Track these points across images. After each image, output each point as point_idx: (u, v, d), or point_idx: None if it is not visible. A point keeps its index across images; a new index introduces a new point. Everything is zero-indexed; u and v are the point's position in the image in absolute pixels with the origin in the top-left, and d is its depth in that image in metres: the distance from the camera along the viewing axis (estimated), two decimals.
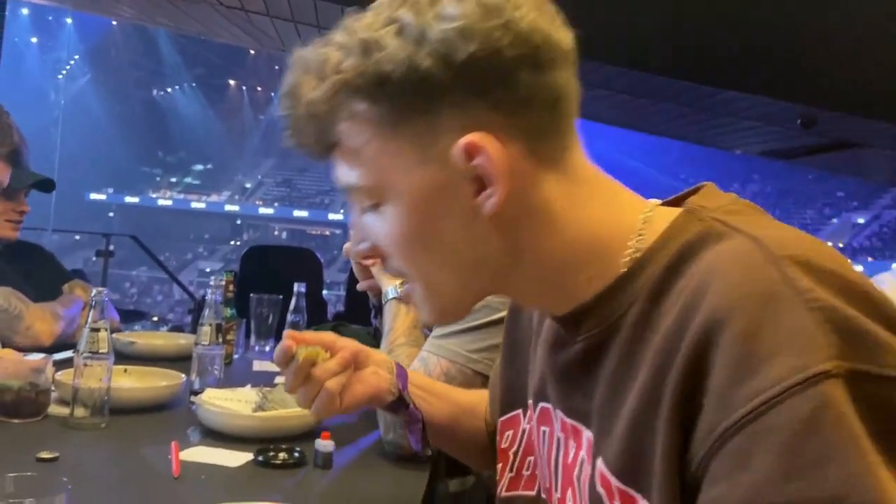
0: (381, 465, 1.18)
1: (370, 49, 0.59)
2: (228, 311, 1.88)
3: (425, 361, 1.24)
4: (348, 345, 0.92)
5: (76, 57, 28.62)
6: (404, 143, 0.60)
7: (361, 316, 1.50)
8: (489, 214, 0.60)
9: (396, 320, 1.38)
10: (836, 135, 5.95)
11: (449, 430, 0.98)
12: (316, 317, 2.33)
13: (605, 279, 0.61)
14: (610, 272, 0.61)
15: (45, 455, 1.07)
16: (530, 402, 0.77)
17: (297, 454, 1.15)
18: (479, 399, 1.01)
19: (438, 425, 0.98)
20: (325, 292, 4.04)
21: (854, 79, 4.77)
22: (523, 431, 0.79)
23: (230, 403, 1.32)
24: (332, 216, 29.20)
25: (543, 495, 0.75)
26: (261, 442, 1.19)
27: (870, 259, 22.33)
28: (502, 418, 0.84)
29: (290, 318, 1.89)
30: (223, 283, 1.78)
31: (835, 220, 25.78)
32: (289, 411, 1.28)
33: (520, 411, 0.81)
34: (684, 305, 0.53)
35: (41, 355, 1.35)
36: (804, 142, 6.32)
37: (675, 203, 0.65)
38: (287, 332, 0.90)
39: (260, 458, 1.14)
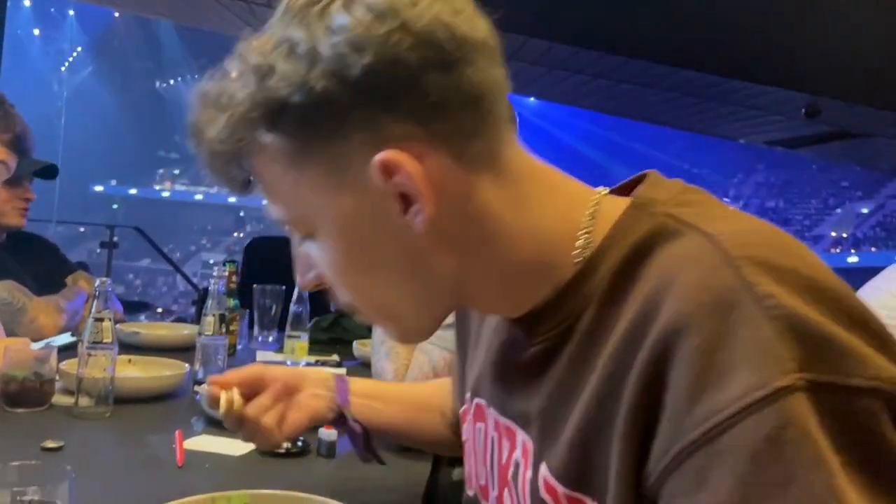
0: (384, 455, 1.18)
1: (263, 75, 0.54)
2: (232, 302, 1.89)
3: (430, 354, 1.24)
4: (279, 375, 0.92)
5: (78, 49, 28.59)
6: (318, 170, 0.56)
7: None
8: (422, 230, 0.55)
9: None
10: (841, 124, 5.93)
11: (405, 431, 0.98)
12: (319, 308, 2.33)
13: (556, 279, 0.58)
14: (561, 273, 0.58)
15: (49, 444, 1.08)
16: (467, 395, 0.75)
17: (300, 443, 1.15)
18: (433, 391, 1.01)
19: (392, 429, 0.98)
20: None
21: (859, 68, 4.75)
22: (465, 428, 0.78)
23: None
24: None
25: (471, 492, 0.73)
26: None
27: (873, 249, 22.28)
28: (461, 410, 0.82)
29: (293, 308, 1.89)
30: (226, 273, 1.79)
31: (839, 210, 25.69)
32: None
33: (466, 407, 0.79)
34: (638, 312, 0.51)
35: (41, 344, 1.36)
36: (808, 131, 6.30)
37: (621, 192, 0.61)
38: (210, 378, 0.91)
39: None
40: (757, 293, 0.46)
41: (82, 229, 21.15)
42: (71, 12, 25.76)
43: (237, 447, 1.15)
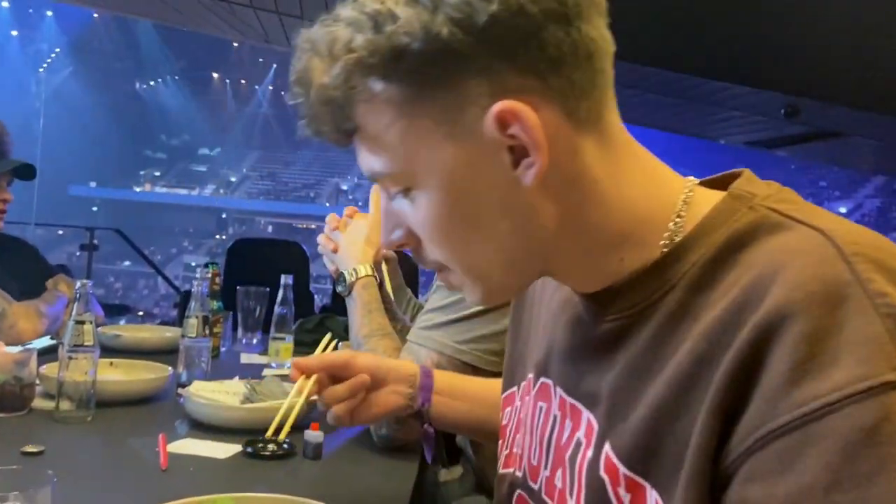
0: (370, 456, 1.18)
1: (382, 22, 0.53)
2: (215, 304, 1.88)
3: (416, 354, 1.24)
4: (365, 366, 0.93)
5: (57, 50, 28.28)
6: (429, 120, 0.55)
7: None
8: (530, 186, 0.55)
9: (352, 314, 1.37)
10: (819, 124, 5.99)
11: (482, 428, 0.98)
12: (303, 309, 2.32)
13: (641, 260, 0.58)
14: (646, 253, 0.58)
15: (30, 449, 1.06)
16: (530, 376, 0.74)
17: (286, 445, 1.15)
18: (495, 385, 1.01)
19: (469, 425, 1.00)
20: (312, 285, 4.03)
21: (837, 68, 4.80)
22: (516, 409, 0.78)
23: (218, 395, 1.31)
24: (317, 209, 29.12)
25: (519, 473, 0.73)
26: (249, 434, 1.18)
27: None
28: (504, 395, 0.83)
29: (277, 310, 1.88)
30: (209, 275, 1.78)
31: None
32: (277, 402, 1.28)
33: (515, 389, 0.80)
34: (739, 298, 0.51)
35: (19, 347, 1.34)
36: (787, 131, 6.36)
37: (713, 185, 0.61)
38: (294, 361, 0.94)
39: (249, 449, 1.13)
40: (870, 290, 0.46)
41: (61, 232, 20.93)
42: (49, 13, 25.48)
43: (222, 450, 1.14)
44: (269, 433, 0.93)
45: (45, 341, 1.54)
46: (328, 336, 1.02)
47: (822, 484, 0.43)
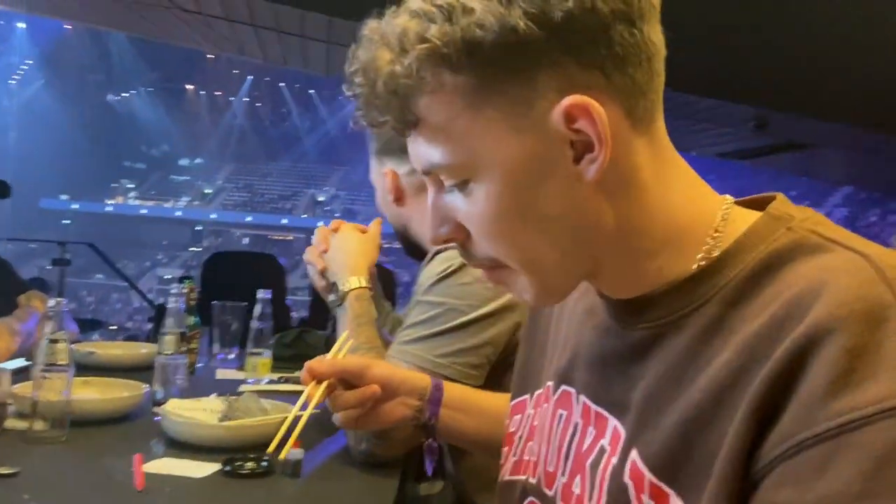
0: (350, 472, 1.18)
1: (455, 14, 0.54)
2: (191, 320, 1.86)
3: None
4: (379, 377, 0.93)
5: (29, 62, 27.91)
6: (496, 112, 0.57)
7: (327, 321, 1.50)
8: (591, 181, 0.57)
9: (349, 320, 1.36)
10: (788, 136, 6.10)
11: (489, 442, 0.98)
12: (279, 322, 2.31)
13: (677, 270, 0.60)
14: (683, 263, 0.60)
15: (4, 471, 1.05)
16: (549, 384, 0.74)
17: (264, 463, 1.14)
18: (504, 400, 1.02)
19: (476, 440, 1.01)
20: (288, 298, 4.00)
21: (805, 81, 4.89)
22: (528, 416, 0.79)
23: (195, 413, 1.30)
24: (293, 221, 28.98)
25: (533, 479, 0.73)
26: (227, 452, 1.17)
27: None
28: (513, 402, 0.83)
29: (255, 325, 1.87)
30: (185, 290, 1.76)
31: None
32: (255, 420, 1.27)
33: (527, 396, 0.80)
34: (780, 313, 0.52)
35: None
36: (758, 143, 6.46)
37: (748, 206, 0.63)
38: (308, 364, 0.92)
39: (227, 468, 1.13)
40: None
41: (33, 245, 20.58)
42: (21, 25, 25.15)
43: (199, 469, 1.13)
44: (271, 449, 0.91)
45: (20, 362, 1.51)
46: (345, 335, 1.01)
47: (854, 492, 0.45)
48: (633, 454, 0.59)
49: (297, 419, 0.93)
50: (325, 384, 0.92)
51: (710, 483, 0.52)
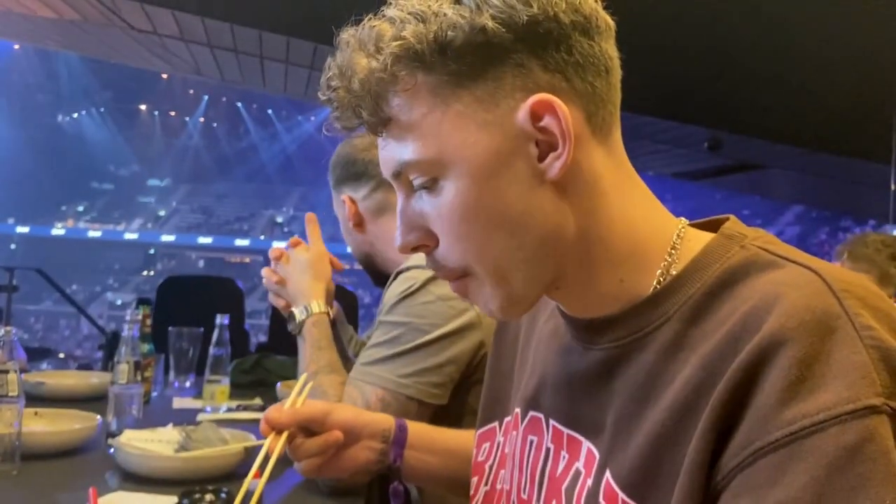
0: (313, 501, 1.15)
1: (428, 18, 0.58)
2: (146, 347, 1.81)
3: (361, 391, 1.22)
4: (342, 421, 0.91)
5: None
6: (465, 108, 0.60)
7: (286, 346, 1.46)
8: (554, 180, 0.59)
9: (302, 351, 1.35)
10: (741, 157, 6.26)
11: (455, 483, 0.96)
12: (238, 348, 2.26)
13: (637, 288, 0.62)
14: (643, 280, 0.61)
15: None
16: (517, 410, 0.75)
17: (223, 495, 1.11)
18: (468, 437, 0.99)
19: (442, 481, 0.99)
20: (246, 321, 3.93)
21: (757, 104, 5.04)
22: (498, 444, 0.78)
23: (151, 444, 1.26)
24: (251, 242, 28.64)
25: None
26: (185, 483, 1.14)
27: None
28: (480, 431, 0.83)
29: (212, 351, 1.82)
30: (140, 317, 1.72)
31: None
32: (214, 450, 1.24)
33: (496, 424, 0.80)
34: (735, 329, 0.54)
35: None
36: (711, 163, 6.62)
37: (702, 228, 0.65)
38: (266, 414, 0.87)
39: (185, 501, 1.09)
40: (857, 323, 0.50)
41: None
42: None
43: (156, 502, 1.09)
44: None
45: None
46: (303, 378, 0.97)
47: (808, 497, 0.46)
48: (607, 475, 0.60)
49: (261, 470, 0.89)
50: (285, 435, 0.87)
51: (674, 497, 0.53)
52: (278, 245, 1.51)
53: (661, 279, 0.61)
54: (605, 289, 0.63)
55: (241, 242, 29.06)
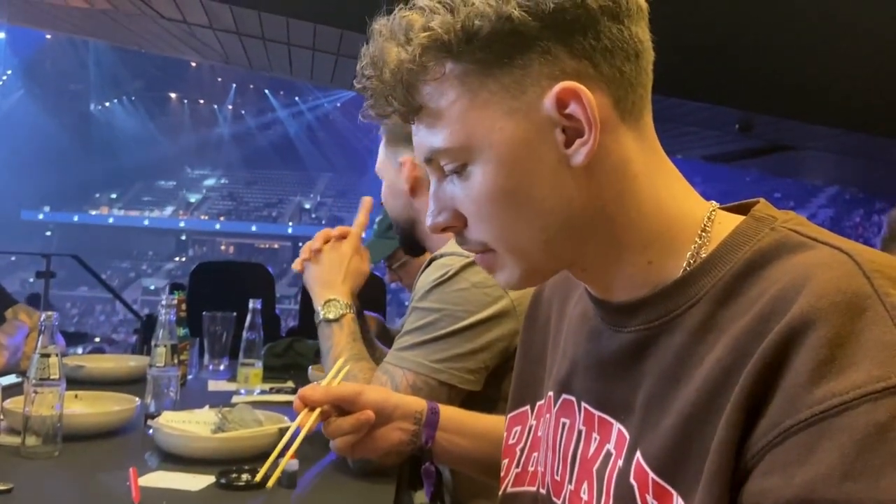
0: (346, 482, 1.17)
1: (456, 7, 0.59)
2: (181, 331, 1.85)
3: (391, 375, 1.24)
4: (373, 402, 0.93)
5: (9, 72, 27.70)
6: (492, 97, 0.60)
7: (316, 330, 1.49)
8: (579, 165, 0.60)
9: (332, 339, 1.38)
10: (772, 138, 6.15)
11: (486, 466, 0.98)
12: (269, 332, 2.30)
13: (666, 270, 0.62)
14: (672, 263, 0.62)
15: None
16: (550, 394, 0.76)
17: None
18: (499, 421, 1.00)
19: (473, 464, 1.00)
20: (277, 307, 3.99)
21: (789, 84, 4.94)
22: (530, 428, 0.79)
23: (188, 425, 1.29)
24: (279, 228, 28.84)
25: (543, 490, 0.74)
26: (222, 464, 1.17)
27: None
28: (511, 414, 0.84)
29: (245, 335, 1.86)
30: (175, 302, 1.75)
31: None
32: (249, 431, 1.27)
33: (528, 407, 0.81)
34: (766, 309, 0.54)
35: None
36: (742, 145, 6.52)
37: (733, 211, 0.65)
38: (301, 392, 0.93)
39: (222, 480, 1.12)
40: (887, 302, 0.50)
41: (13, 258, 20.38)
42: (1, 35, 24.95)
43: (195, 482, 1.12)
44: (259, 478, 0.95)
45: (10, 379, 1.50)
46: (340, 361, 1.01)
47: (837, 473, 0.46)
48: (638, 455, 0.60)
49: (288, 445, 0.94)
50: (317, 411, 0.92)
51: (704, 477, 0.53)
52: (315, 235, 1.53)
53: (691, 262, 0.61)
54: (633, 270, 0.63)
55: (270, 229, 29.31)
